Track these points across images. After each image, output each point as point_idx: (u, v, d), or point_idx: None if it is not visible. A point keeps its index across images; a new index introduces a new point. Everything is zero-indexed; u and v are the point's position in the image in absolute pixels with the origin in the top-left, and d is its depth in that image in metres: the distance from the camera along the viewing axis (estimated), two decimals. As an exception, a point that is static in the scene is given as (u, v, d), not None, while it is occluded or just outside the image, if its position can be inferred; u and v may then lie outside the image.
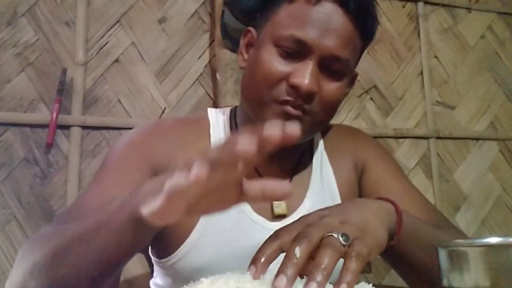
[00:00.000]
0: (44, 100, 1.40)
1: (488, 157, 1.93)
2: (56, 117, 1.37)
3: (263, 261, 0.46)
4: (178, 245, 0.72)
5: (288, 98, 0.68)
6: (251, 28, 0.78)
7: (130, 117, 1.48)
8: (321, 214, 0.51)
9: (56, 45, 1.44)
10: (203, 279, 0.45)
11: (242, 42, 0.79)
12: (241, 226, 0.73)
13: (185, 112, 1.54)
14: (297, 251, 0.44)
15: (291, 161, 0.81)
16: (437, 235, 0.65)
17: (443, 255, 0.46)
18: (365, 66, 1.81)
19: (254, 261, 0.46)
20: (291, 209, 0.77)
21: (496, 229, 1.87)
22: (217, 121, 0.81)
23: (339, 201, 0.80)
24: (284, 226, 0.50)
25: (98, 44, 1.48)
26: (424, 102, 1.87)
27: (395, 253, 0.60)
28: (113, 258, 0.52)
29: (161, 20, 1.57)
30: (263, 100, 0.70)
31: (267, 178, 0.77)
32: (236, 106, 0.84)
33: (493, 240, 0.49)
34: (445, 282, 0.46)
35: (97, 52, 1.48)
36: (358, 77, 1.75)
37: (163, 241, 0.75)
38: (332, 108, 0.73)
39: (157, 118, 1.48)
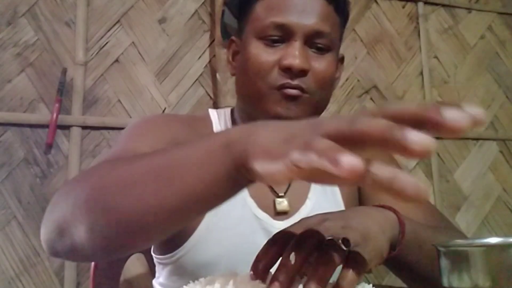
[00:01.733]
0: (44, 100, 1.40)
1: (488, 157, 1.93)
2: (56, 117, 1.37)
3: (262, 268, 0.45)
4: (184, 240, 0.72)
5: (284, 81, 0.70)
6: (233, 38, 0.81)
7: (130, 117, 1.48)
8: (322, 217, 0.50)
9: (56, 45, 1.44)
10: (201, 279, 0.45)
11: (228, 53, 0.82)
12: (245, 222, 0.74)
13: (185, 112, 1.54)
14: (292, 256, 0.43)
15: None
16: (440, 240, 0.64)
17: (443, 255, 0.46)
18: (365, 66, 1.81)
19: (253, 269, 0.45)
20: (293, 208, 0.77)
21: (496, 229, 1.87)
22: (219, 121, 0.82)
23: (341, 202, 0.80)
24: (283, 229, 0.49)
25: (98, 44, 1.48)
26: (424, 102, 1.87)
27: (398, 262, 0.59)
28: (189, 201, 0.41)
29: (161, 20, 1.57)
30: (260, 91, 0.71)
31: None
32: (233, 108, 0.85)
33: (493, 240, 0.49)
34: (445, 282, 0.46)
35: (97, 52, 1.48)
36: (358, 77, 1.79)
37: (169, 236, 0.75)
38: (327, 84, 0.74)
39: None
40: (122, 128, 1.43)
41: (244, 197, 0.75)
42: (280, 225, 0.74)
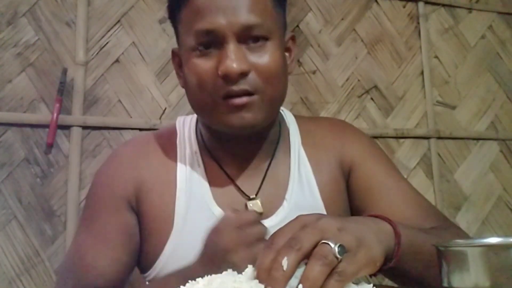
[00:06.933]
0: (44, 100, 1.40)
1: (488, 157, 1.93)
2: (57, 117, 1.37)
3: (264, 272, 0.44)
4: (154, 260, 0.72)
5: (227, 89, 0.66)
6: (174, 49, 0.78)
7: (131, 117, 1.48)
8: (319, 216, 0.49)
9: (57, 45, 1.44)
10: (199, 279, 0.45)
11: (174, 65, 0.78)
12: None
13: (185, 112, 1.54)
14: (285, 262, 0.42)
15: (265, 159, 0.78)
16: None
17: (443, 255, 0.46)
18: (366, 66, 1.81)
19: (259, 276, 0.44)
20: (270, 210, 0.75)
21: (496, 229, 1.87)
22: (183, 131, 0.81)
23: (321, 203, 0.77)
24: (280, 229, 0.48)
25: (98, 44, 1.48)
26: (424, 102, 1.87)
27: (395, 271, 0.57)
28: None
29: (162, 20, 1.57)
30: (208, 104, 0.69)
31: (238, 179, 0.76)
32: None
33: (493, 240, 0.49)
34: (445, 282, 0.46)
35: (98, 52, 1.48)
36: (359, 77, 1.79)
37: (141, 257, 0.75)
38: (275, 76, 0.69)
39: (126, 141, 1.44)
40: (123, 128, 1.45)
41: (209, 207, 0.73)
42: None
